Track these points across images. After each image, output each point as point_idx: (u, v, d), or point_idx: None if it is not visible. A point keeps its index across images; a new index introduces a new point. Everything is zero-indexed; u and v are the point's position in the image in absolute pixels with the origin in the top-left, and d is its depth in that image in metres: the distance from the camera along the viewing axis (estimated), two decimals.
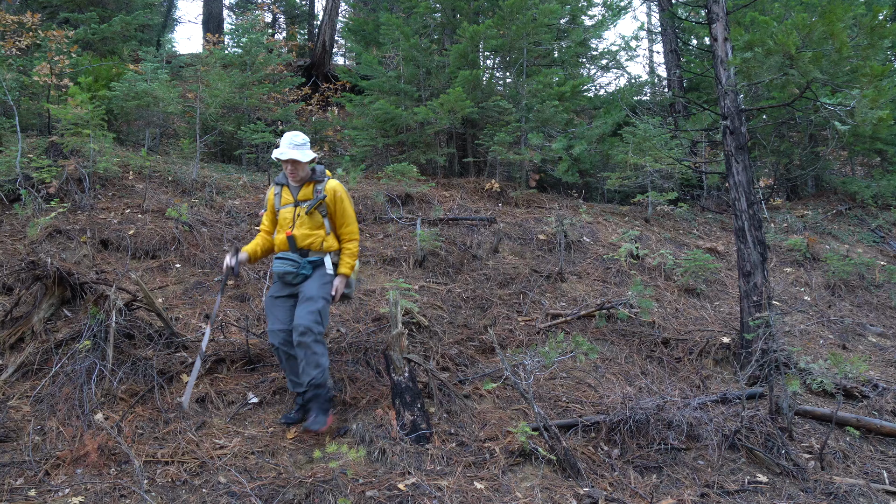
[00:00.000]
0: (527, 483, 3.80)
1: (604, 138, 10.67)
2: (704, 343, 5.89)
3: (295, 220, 4.14)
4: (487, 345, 5.49)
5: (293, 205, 4.17)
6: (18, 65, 9.22)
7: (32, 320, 4.52)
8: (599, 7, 13.24)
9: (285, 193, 4.23)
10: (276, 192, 4.27)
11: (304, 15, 19.33)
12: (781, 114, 9.33)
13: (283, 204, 4.21)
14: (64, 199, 6.68)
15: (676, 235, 9.19)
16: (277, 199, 4.25)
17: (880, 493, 4.06)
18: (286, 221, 4.16)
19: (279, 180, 4.27)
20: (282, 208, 4.20)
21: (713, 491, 3.90)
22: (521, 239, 7.83)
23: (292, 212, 4.16)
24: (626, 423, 4.33)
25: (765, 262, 5.86)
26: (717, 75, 6.11)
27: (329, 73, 14.89)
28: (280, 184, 4.27)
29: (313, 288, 4.06)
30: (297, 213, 4.15)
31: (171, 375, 4.41)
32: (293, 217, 4.15)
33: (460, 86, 9.16)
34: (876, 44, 5.62)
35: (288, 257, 4.09)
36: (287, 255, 4.09)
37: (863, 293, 8.03)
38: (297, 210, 4.15)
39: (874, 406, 5.21)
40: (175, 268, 6.05)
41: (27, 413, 3.94)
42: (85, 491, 3.35)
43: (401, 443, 3.98)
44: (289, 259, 4.08)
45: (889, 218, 11.03)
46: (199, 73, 10.19)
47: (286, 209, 4.19)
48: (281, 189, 4.26)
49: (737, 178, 5.95)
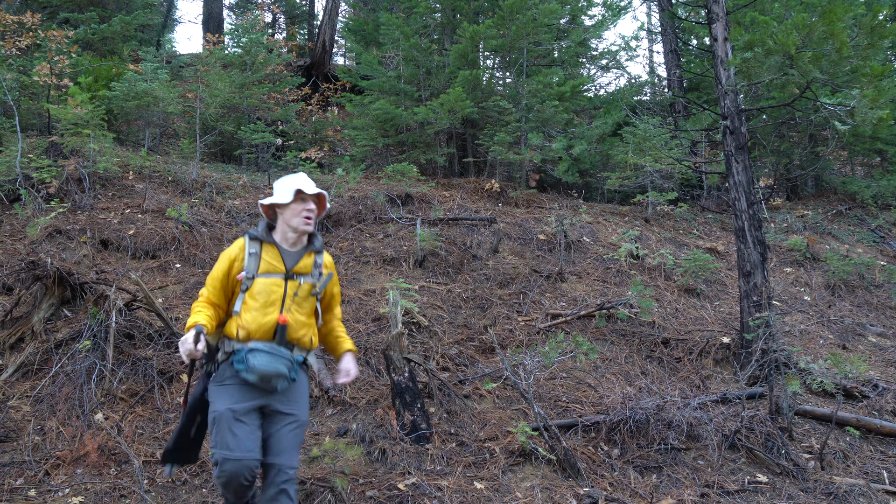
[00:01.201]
0: (527, 483, 3.80)
1: (604, 138, 10.67)
2: (704, 343, 5.89)
3: (286, 299, 2.94)
4: (487, 345, 5.49)
5: (283, 276, 2.96)
6: (18, 65, 9.22)
7: (32, 320, 4.52)
8: (599, 7, 13.24)
9: (268, 255, 2.98)
10: (252, 250, 2.97)
11: (304, 15, 19.33)
12: (781, 114, 9.33)
13: (266, 271, 2.95)
14: (64, 199, 6.68)
15: (676, 235, 9.19)
16: (252, 262, 2.96)
17: (880, 493, 4.06)
18: (271, 299, 2.92)
19: (255, 233, 3.02)
20: (261, 277, 2.94)
21: (713, 491, 3.90)
22: (521, 239, 7.83)
23: (282, 286, 2.95)
24: (626, 423, 4.33)
25: (765, 262, 5.86)
26: (717, 75, 6.12)
27: (329, 73, 14.88)
28: (258, 239, 3.00)
29: (304, 408, 3.00)
30: (290, 290, 2.96)
31: (171, 375, 4.41)
32: (283, 295, 2.94)
33: (460, 86, 9.16)
34: (876, 44, 5.62)
35: (279, 353, 2.86)
36: (277, 350, 2.86)
37: (863, 293, 8.03)
38: (290, 286, 2.96)
39: (874, 406, 5.21)
40: (175, 268, 6.05)
41: (27, 413, 3.94)
42: (85, 491, 3.35)
43: (401, 443, 3.98)
44: (282, 356, 2.86)
45: (889, 218, 11.02)
46: (199, 73, 10.19)
47: (271, 280, 2.94)
48: (260, 248, 2.98)
49: (737, 178, 5.95)
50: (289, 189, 2.98)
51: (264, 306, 2.91)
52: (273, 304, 2.92)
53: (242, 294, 2.94)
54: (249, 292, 2.93)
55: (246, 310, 2.91)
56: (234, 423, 2.76)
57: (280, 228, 3.04)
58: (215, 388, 2.86)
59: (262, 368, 2.80)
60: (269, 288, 2.93)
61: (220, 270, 2.97)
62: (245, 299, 2.93)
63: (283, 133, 10.61)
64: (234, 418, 2.76)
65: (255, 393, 2.85)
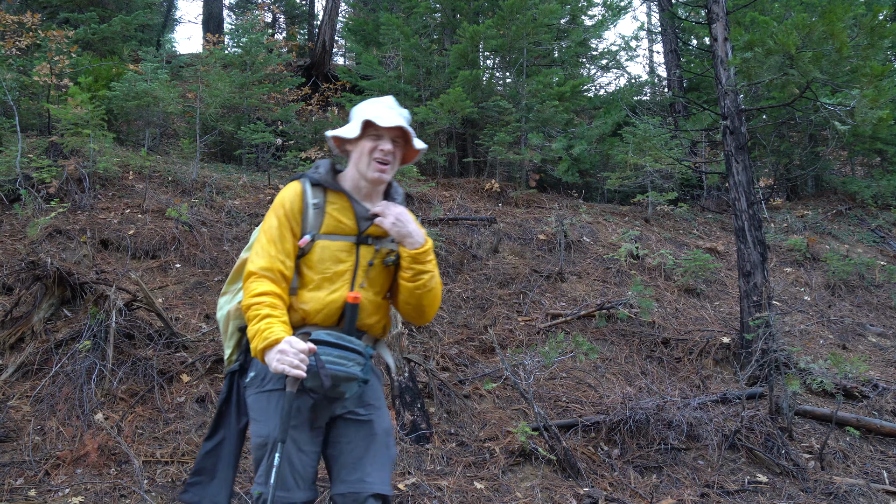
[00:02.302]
0: (527, 483, 3.80)
1: (604, 138, 10.67)
2: (704, 343, 5.89)
3: (358, 270, 2.15)
4: (487, 345, 5.49)
5: (354, 239, 2.16)
6: (18, 65, 9.22)
7: (32, 320, 4.52)
8: (599, 7, 13.26)
9: (335, 209, 2.16)
10: (315, 201, 2.15)
11: (304, 15, 19.33)
12: (781, 114, 9.33)
13: (330, 231, 2.14)
14: (64, 199, 6.68)
15: (676, 235, 9.19)
16: (315, 217, 2.14)
17: (880, 493, 4.06)
18: (338, 270, 2.13)
19: (317, 176, 2.17)
20: (323, 238, 2.13)
21: (713, 491, 3.90)
22: (521, 239, 7.83)
23: (352, 254, 2.15)
24: (626, 423, 4.33)
25: (765, 262, 5.86)
26: (717, 75, 6.12)
27: (329, 73, 14.88)
28: (321, 185, 2.17)
29: (384, 413, 2.22)
30: (363, 258, 2.16)
31: (171, 375, 4.41)
32: (355, 265, 2.15)
33: (460, 86, 9.16)
34: (876, 44, 5.63)
35: (349, 344, 2.05)
36: (346, 341, 2.05)
37: (863, 293, 8.03)
38: (363, 253, 2.17)
39: (874, 406, 5.21)
40: (175, 268, 6.05)
41: (27, 413, 3.94)
42: (85, 491, 3.35)
43: (401, 443, 3.98)
44: (352, 349, 2.05)
45: (889, 218, 11.03)
46: (199, 73, 10.18)
47: (337, 244, 2.14)
48: (324, 198, 2.16)
49: (737, 178, 5.95)
50: (357, 119, 2.14)
51: (328, 280, 2.11)
52: (341, 278, 2.12)
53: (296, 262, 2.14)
54: (307, 260, 2.13)
55: (302, 284, 2.13)
56: (294, 454, 2.03)
57: (349, 173, 2.20)
58: (257, 398, 2.10)
59: (329, 369, 1.97)
60: (335, 255, 2.12)
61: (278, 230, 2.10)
62: (301, 269, 2.14)
63: (283, 133, 10.60)
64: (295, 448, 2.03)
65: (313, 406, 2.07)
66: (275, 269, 2.05)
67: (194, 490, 2.15)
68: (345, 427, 2.14)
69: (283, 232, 2.10)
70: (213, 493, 2.16)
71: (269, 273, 2.05)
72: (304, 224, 2.13)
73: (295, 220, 2.12)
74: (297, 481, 2.04)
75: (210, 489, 2.15)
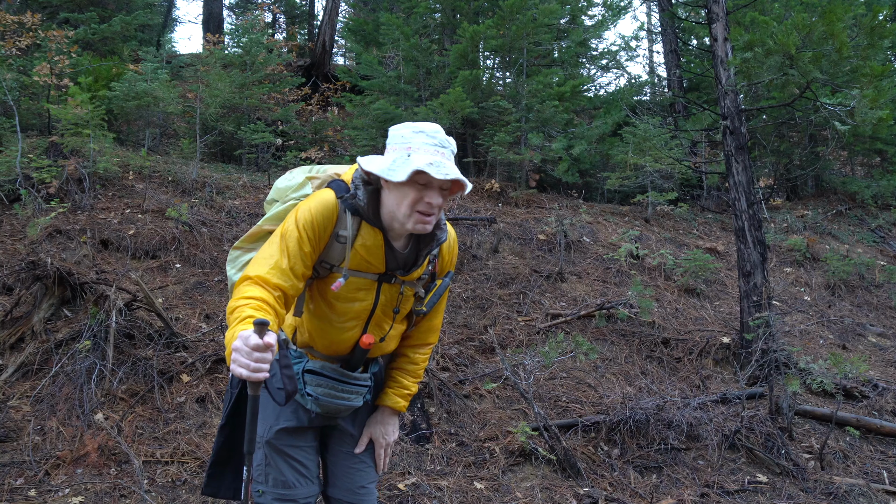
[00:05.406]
0: (527, 483, 3.80)
1: (604, 138, 10.67)
2: (704, 343, 5.89)
3: (376, 310, 1.99)
4: (487, 345, 5.49)
5: (377, 277, 1.97)
6: (18, 65, 9.22)
7: (32, 320, 4.52)
8: (599, 7, 13.26)
9: (366, 244, 1.93)
10: (344, 233, 1.91)
11: (304, 15, 19.33)
12: (781, 114, 9.33)
13: (358, 267, 1.94)
14: (64, 199, 6.68)
15: (676, 235, 9.19)
16: (338, 247, 1.93)
17: (880, 493, 4.06)
18: (354, 309, 1.97)
19: (359, 205, 1.93)
20: (351, 275, 1.93)
21: (713, 491, 3.90)
22: (521, 239, 7.83)
23: (372, 293, 1.98)
24: (626, 423, 4.33)
25: (765, 262, 5.86)
26: (717, 75, 6.12)
27: (329, 73, 14.88)
28: (360, 216, 1.93)
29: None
30: (384, 299, 2.00)
31: (171, 375, 4.41)
32: (374, 304, 1.99)
33: (460, 86, 9.16)
34: (876, 44, 5.63)
35: (351, 381, 2.01)
36: (346, 377, 2.00)
37: (863, 293, 8.03)
38: (385, 294, 1.99)
39: (874, 406, 5.21)
40: (175, 268, 6.05)
41: (27, 413, 3.94)
42: (85, 491, 3.35)
43: (401, 443, 3.98)
44: (354, 385, 2.02)
45: (889, 218, 11.03)
46: (199, 73, 10.19)
47: (358, 280, 1.95)
48: (357, 230, 1.93)
49: (737, 178, 5.95)
50: (406, 165, 1.81)
51: (342, 316, 1.95)
52: (356, 317, 1.96)
53: (308, 287, 1.97)
54: (319, 284, 1.96)
55: (312, 315, 1.98)
56: (291, 450, 2.00)
57: (385, 208, 1.93)
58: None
59: (325, 402, 1.96)
60: (354, 293, 1.94)
61: (297, 244, 1.85)
62: (312, 292, 1.98)
63: (283, 133, 10.61)
64: (289, 443, 2.00)
65: (312, 418, 2.04)
66: (272, 283, 1.81)
67: (213, 483, 2.15)
68: (341, 435, 2.15)
69: (302, 247, 1.86)
70: (230, 484, 2.15)
71: (266, 285, 1.81)
72: (327, 250, 1.91)
73: (320, 240, 1.89)
74: (299, 478, 2.03)
75: (227, 480, 2.15)
